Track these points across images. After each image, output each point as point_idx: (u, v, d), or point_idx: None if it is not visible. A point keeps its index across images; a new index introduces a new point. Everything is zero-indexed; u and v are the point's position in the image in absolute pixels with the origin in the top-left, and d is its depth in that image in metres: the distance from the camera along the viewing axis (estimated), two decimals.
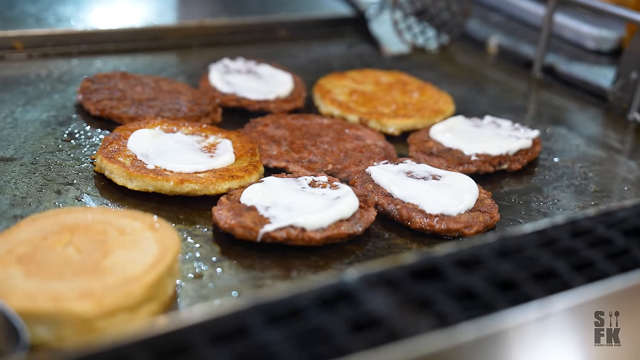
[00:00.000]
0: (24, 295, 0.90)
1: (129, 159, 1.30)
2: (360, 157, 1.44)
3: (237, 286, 1.08)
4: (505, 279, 0.81)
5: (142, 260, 0.99)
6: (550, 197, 1.44)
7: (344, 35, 2.26)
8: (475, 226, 1.25)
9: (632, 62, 1.79)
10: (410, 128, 1.63)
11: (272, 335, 0.71)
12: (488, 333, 0.74)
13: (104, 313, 0.91)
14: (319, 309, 0.75)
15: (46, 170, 1.33)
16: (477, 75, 2.09)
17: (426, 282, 0.80)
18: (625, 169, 1.60)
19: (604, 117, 1.86)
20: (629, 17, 1.83)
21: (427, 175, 1.35)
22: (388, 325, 0.73)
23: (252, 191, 1.22)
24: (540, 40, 2.02)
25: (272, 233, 1.14)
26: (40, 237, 1.02)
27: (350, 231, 1.19)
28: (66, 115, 1.55)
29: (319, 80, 1.78)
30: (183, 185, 1.25)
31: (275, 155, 1.42)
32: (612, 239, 0.91)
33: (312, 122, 1.56)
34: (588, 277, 0.83)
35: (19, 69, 1.77)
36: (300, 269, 1.14)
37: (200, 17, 2.15)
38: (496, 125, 1.60)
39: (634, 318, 0.83)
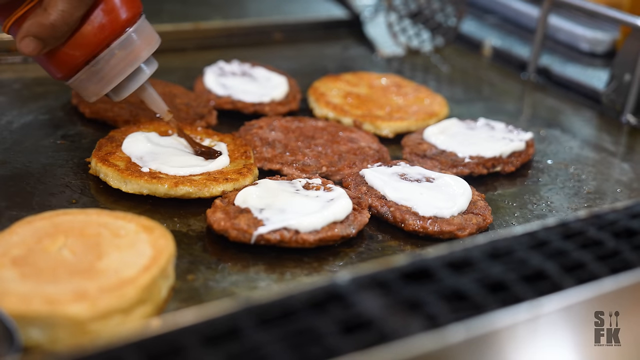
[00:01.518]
0: (18, 298, 0.90)
1: (124, 162, 1.30)
2: (354, 159, 1.45)
3: (230, 288, 1.09)
4: (496, 280, 0.82)
5: (136, 263, 1.00)
6: (544, 199, 1.44)
7: (339, 38, 2.26)
8: (468, 228, 1.26)
9: (626, 65, 1.80)
10: (405, 130, 1.64)
11: (264, 337, 0.72)
12: (478, 334, 0.74)
13: (98, 315, 0.91)
14: (310, 310, 0.75)
15: (41, 172, 1.33)
16: (471, 78, 2.10)
17: (417, 284, 0.80)
18: (618, 171, 1.60)
19: (598, 119, 1.87)
20: (623, 19, 1.84)
21: (421, 177, 1.36)
22: (379, 326, 0.73)
23: (247, 194, 1.22)
24: (534, 42, 2.03)
25: (265, 235, 1.15)
26: (34, 239, 1.03)
27: (344, 233, 1.19)
28: (61, 117, 1.55)
29: (313, 82, 1.78)
30: (177, 188, 1.26)
31: (269, 157, 1.43)
32: (603, 241, 0.91)
33: (307, 125, 1.57)
34: (579, 279, 0.84)
35: (15, 72, 1.78)
36: (294, 271, 1.14)
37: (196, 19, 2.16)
38: (490, 128, 1.61)
39: (634, 318, 0.84)
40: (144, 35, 1.24)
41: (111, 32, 1.19)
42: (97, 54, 1.20)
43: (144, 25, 1.24)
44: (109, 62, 1.21)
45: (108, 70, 1.21)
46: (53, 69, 1.22)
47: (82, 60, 1.20)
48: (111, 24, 1.18)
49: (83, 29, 1.17)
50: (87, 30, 1.17)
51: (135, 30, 1.22)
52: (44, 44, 1.14)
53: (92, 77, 1.21)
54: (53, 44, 1.16)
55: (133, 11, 1.21)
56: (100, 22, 1.17)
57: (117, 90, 1.26)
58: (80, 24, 1.17)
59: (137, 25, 1.22)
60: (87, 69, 1.21)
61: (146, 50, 1.24)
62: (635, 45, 1.77)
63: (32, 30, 1.12)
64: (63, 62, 1.20)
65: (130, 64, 1.23)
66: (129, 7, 1.20)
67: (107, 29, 1.18)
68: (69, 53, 1.18)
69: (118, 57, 1.21)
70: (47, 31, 1.12)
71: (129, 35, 1.21)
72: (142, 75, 1.26)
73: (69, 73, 1.22)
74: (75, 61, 1.20)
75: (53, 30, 1.12)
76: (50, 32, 1.12)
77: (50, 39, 1.14)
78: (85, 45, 1.18)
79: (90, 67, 1.20)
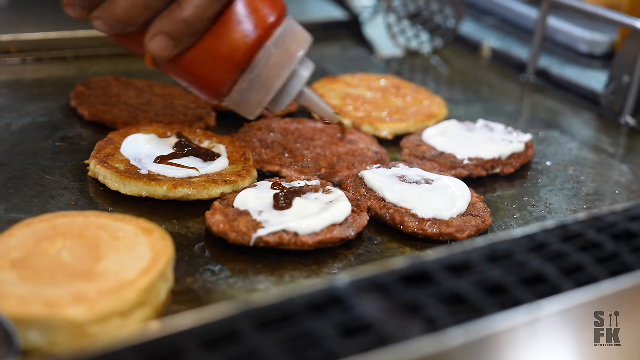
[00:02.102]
0: (17, 301, 0.90)
1: (123, 164, 1.30)
2: (353, 161, 1.45)
3: (230, 291, 1.08)
4: (495, 283, 0.82)
5: (136, 265, 1.00)
6: (543, 200, 1.44)
7: (338, 39, 2.26)
8: (467, 230, 1.26)
9: (625, 66, 1.80)
10: (404, 132, 1.64)
11: (263, 341, 0.72)
12: (478, 337, 0.74)
13: (97, 318, 0.91)
14: (309, 314, 0.75)
15: (40, 175, 1.33)
16: (470, 79, 2.10)
17: (416, 287, 0.80)
18: (617, 172, 1.60)
19: (597, 120, 1.87)
20: (622, 21, 1.84)
21: (420, 179, 1.36)
22: (378, 330, 0.73)
23: (246, 196, 1.22)
24: (533, 43, 2.03)
25: (265, 238, 1.15)
26: (33, 242, 1.03)
27: (343, 236, 1.19)
28: (60, 120, 1.55)
29: (312, 84, 1.78)
30: (176, 190, 1.25)
31: (268, 159, 1.43)
32: (602, 244, 0.91)
33: (306, 127, 1.57)
34: (578, 282, 0.84)
35: (13, 74, 1.78)
36: (293, 274, 1.14)
37: None
38: (489, 129, 1.61)
39: (634, 318, 0.84)
40: (295, 33, 1.18)
41: (263, 31, 1.13)
42: (253, 57, 1.14)
43: (293, 23, 1.19)
44: (267, 64, 1.15)
45: (267, 73, 1.15)
46: (209, 85, 1.16)
47: (240, 67, 1.14)
48: (261, 20, 1.12)
49: (235, 31, 1.12)
50: (239, 32, 1.12)
51: (286, 28, 1.16)
52: (176, 42, 1.08)
53: (252, 85, 1.16)
54: (185, 44, 1.10)
55: (279, 9, 1.16)
56: (250, 21, 1.12)
57: (277, 99, 1.21)
58: (230, 26, 1.11)
59: (286, 23, 1.17)
60: (246, 76, 1.15)
61: (301, 49, 1.18)
62: (634, 46, 1.77)
63: (164, 27, 1.07)
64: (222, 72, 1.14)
65: (288, 65, 1.17)
66: (274, 5, 1.15)
67: (259, 28, 1.12)
68: (228, 61, 1.12)
69: (275, 58, 1.14)
70: (180, 28, 1.07)
71: (281, 33, 1.15)
72: (300, 79, 1.21)
73: (228, 84, 1.16)
74: (234, 69, 1.13)
75: (187, 26, 1.07)
76: (184, 29, 1.07)
77: (183, 36, 1.08)
78: (241, 51, 1.12)
79: (249, 73, 1.15)
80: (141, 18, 1.08)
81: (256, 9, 1.12)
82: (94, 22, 1.11)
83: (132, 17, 1.07)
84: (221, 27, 1.11)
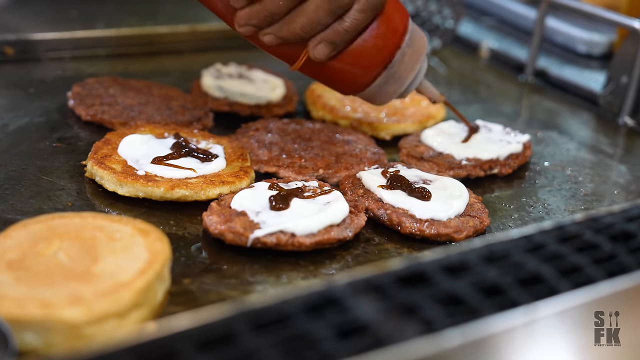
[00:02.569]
0: (12, 302, 0.90)
1: (120, 165, 1.30)
2: (351, 161, 1.45)
3: (227, 292, 1.08)
4: (492, 284, 0.82)
5: (132, 266, 0.99)
6: (541, 201, 1.44)
7: None
8: (465, 231, 1.25)
9: (623, 66, 1.80)
10: (402, 132, 1.64)
11: (260, 342, 0.72)
12: (474, 339, 0.74)
13: (93, 320, 0.91)
14: (306, 315, 0.75)
15: (37, 175, 1.33)
16: (468, 80, 2.10)
17: (413, 288, 0.80)
18: (615, 173, 1.60)
19: (595, 121, 1.87)
20: (620, 21, 1.84)
21: (418, 179, 1.36)
22: (375, 331, 0.73)
23: (243, 196, 1.22)
24: (531, 44, 2.03)
25: (262, 238, 1.14)
26: (30, 243, 1.02)
27: (340, 236, 1.19)
28: (57, 120, 1.55)
29: (310, 85, 1.78)
30: (173, 191, 1.25)
31: (266, 160, 1.42)
32: (600, 244, 0.91)
33: (304, 127, 1.57)
34: (575, 283, 0.84)
35: (11, 74, 1.77)
36: (290, 274, 1.14)
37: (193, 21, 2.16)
38: (487, 130, 1.61)
39: (634, 318, 0.84)
40: (418, 33, 1.34)
41: (401, 35, 1.29)
42: (394, 56, 1.29)
43: (413, 24, 1.34)
44: (403, 60, 1.31)
45: (403, 69, 1.32)
46: (354, 81, 1.32)
47: (383, 65, 1.30)
48: (396, 27, 1.29)
49: (381, 36, 1.27)
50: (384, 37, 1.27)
51: (412, 29, 1.32)
52: (334, 47, 1.24)
53: (390, 79, 1.32)
54: (341, 48, 1.25)
55: (405, 13, 1.32)
56: (391, 27, 1.28)
57: (405, 89, 1.36)
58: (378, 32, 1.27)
59: (411, 24, 1.33)
60: (386, 72, 1.30)
61: (426, 46, 1.35)
62: (632, 47, 1.77)
63: (327, 36, 1.22)
64: (368, 70, 1.30)
65: (418, 60, 1.34)
66: (401, 10, 1.31)
67: (398, 32, 1.29)
68: (374, 61, 1.29)
69: (408, 55, 1.31)
70: (340, 36, 1.23)
71: (411, 34, 1.31)
72: (422, 70, 1.37)
73: (371, 81, 1.31)
74: (377, 68, 1.30)
75: (346, 35, 1.23)
76: (344, 36, 1.23)
77: (341, 42, 1.24)
78: (384, 53, 1.28)
79: (388, 70, 1.30)
80: (313, 33, 1.22)
81: (393, 16, 1.29)
82: (263, 37, 1.23)
83: (306, 32, 1.22)
84: (369, 33, 1.26)
